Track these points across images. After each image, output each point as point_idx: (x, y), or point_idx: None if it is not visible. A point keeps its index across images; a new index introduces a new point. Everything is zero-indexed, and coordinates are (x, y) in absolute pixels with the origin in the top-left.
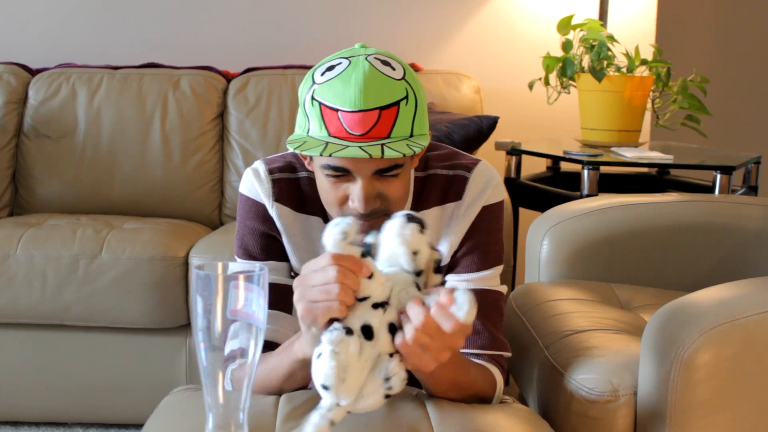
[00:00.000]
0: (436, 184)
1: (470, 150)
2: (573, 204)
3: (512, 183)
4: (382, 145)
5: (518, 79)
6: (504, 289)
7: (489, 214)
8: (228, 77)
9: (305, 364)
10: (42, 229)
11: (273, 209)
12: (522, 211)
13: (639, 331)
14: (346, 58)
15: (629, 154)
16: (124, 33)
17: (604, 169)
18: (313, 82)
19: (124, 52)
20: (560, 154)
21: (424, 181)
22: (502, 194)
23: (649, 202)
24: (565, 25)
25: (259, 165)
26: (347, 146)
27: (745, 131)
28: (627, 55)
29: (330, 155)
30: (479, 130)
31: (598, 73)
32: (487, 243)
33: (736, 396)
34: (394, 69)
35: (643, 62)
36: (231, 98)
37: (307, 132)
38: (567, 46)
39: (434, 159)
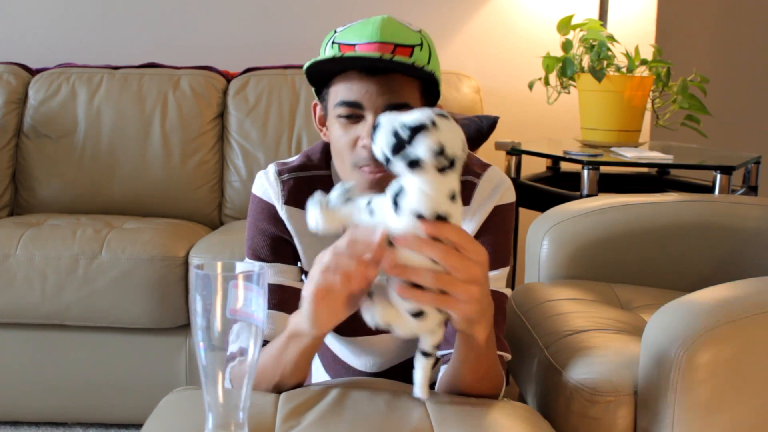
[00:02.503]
0: None
1: (470, 150)
2: (573, 204)
3: (512, 183)
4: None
5: (518, 79)
6: (508, 291)
7: (500, 214)
8: (228, 77)
9: (298, 338)
10: (42, 229)
11: (283, 211)
12: (522, 211)
13: (639, 331)
14: (366, 20)
15: (629, 154)
16: (124, 33)
17: (604, 169)
18: (334, 32)
19: (124, 52)
20: (560, 154)
21: None
22: (513, 196)
23: (649, 202)
24: (565, 25)
25: (271, 167)
26: (356, 50)
27: (745, 131)
28: (627, 55)
29: (342, 56)
30: (479, 130)
31: (598, 73)
32: (496, 243)
33: (736, 396)
34: (411, 24)
35: (643, 62)
36: (231, 98)
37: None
38: (567, 46)
39: None
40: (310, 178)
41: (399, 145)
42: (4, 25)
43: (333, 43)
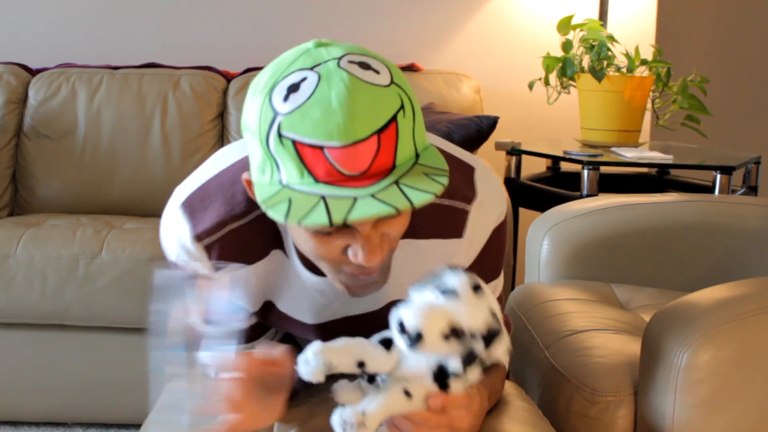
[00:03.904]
0: (429, 211)
1: (470, 150)
2: (573, 204)
3: (512, 183)
4: (397, 183)
5: (518, 79)
6: (499, 289)
7: (496, 236)
8: (228, 77)
9: None
10: (42, 229)
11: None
12: (522, 211)
13: (639, 331)
14: (311, 69)
15: (629, 154)
16: (124, 33)
17: (604, 169)
18: (275, 112)
19: (124, 52)
20: (560, 154)
21: None
22: (505, 206)
23: (649, 202)
24: (565, 25)
25: (182, 230)
26: (354, 198)
27: (745, 131)
28: (627, 55)
29: (344, 222)
30: (479, 130)
31: (598, 73)
32: (493, 259)
33: (736, 396)
34: (378, 72)
35: (643, 62)
36: (231, 98)
37: (280, 182)
38: (567, 46)
39: None
40: (234, 232)
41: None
42: (4, 25)
43: (282, 137)
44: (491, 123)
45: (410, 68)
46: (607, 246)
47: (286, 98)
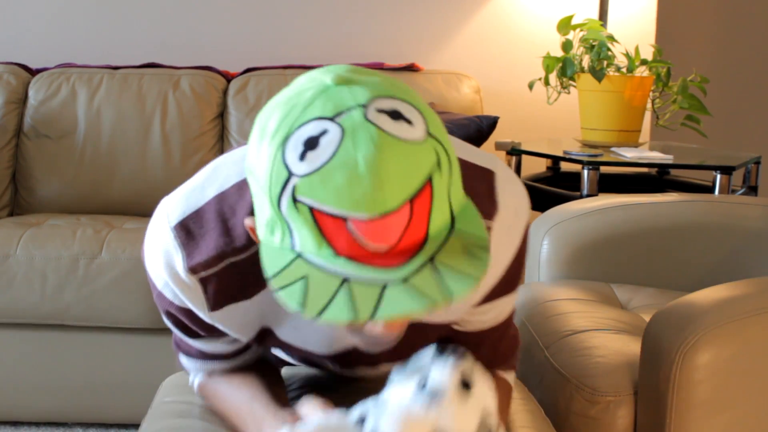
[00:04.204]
0: None
1: None
2: (573, 204)
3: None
4: (432, 261)
5: (518, 79)
6: (515, 299)
7: (519, 250)
8: (228, 77)
9: None
10: (42, 229)
11: (212, 319)
12: None
13: (639, 331)
14: (332, 120)
15: (629, 154)
16: (124, 33)
17: (604, 169)
18: (290, 172)
19: (124, 52)
20: (560, 154)
21: None
22: (529, 212)
23: (649, 202)
24: (565, 25)
25: (176, 258)
26: (383, 286)
27: (745, 131)
28: (627, 55)
29: (372, 317)
30: (479, 130)
31: (598, 73)
32: (512, 275)
33: (736, 396)
34: (411, 123)
35: (643, 62)
36: (231, 98)
37: (292, 247)
38: (567, 46)
39: None
40: (234, 265)
41: None
42: (4, 25)
43: (296, 201)
44: (491, 123)
45: (410, 68)
46: (607, 246)
47: (302, 156)
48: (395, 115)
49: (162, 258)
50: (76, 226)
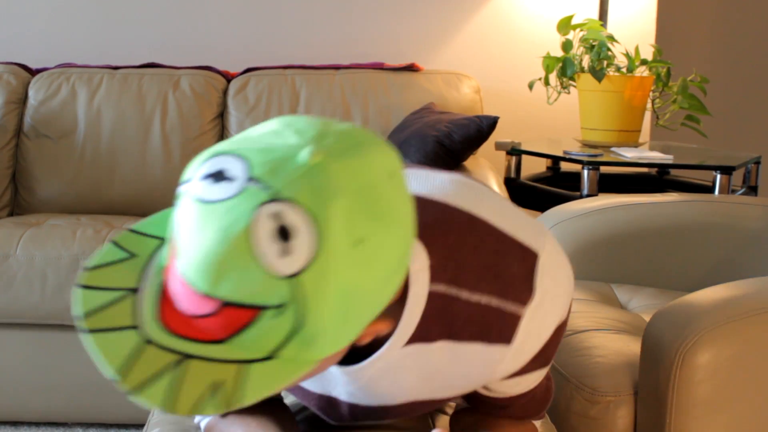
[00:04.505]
0: (467, 314)
1: (470, 151)
2: (573, 204)
3: (512, 183)
4: (182, 358)
5: (518, 79)
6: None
7: (554, 336)
8: (228, 77)
9: None
10: (42, 229)
11: None
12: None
13: (639, 331)
14: (247, 171)
15: (629, 154)
16: (124, 33)
17: (604, 169)
18: (193, 176)
19: (124, 52)
20: (560, 154)
21: (444, 304)
22: (570, 299)
23: (649, 202)
24: (565, 25)
25: None
26: (143, 341)
27: (745, 131)
28: (627, 55)
29: (83, 331)
30: (479, 130)
31: (598, 73)
32: (542, 357)
33: (736, 396)
34: (287, 254)
35: (643, 62)
36: (231, 98)
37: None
38: (567, 46)
39: (468, 269)
40: None
41: None
42: (4, 25)
43: (181, 197)
44: (491, 123)
45: (410, 68)
46: (607, 246)
47: (204, 177)
48: (283, 233)
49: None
50: (76, 226)
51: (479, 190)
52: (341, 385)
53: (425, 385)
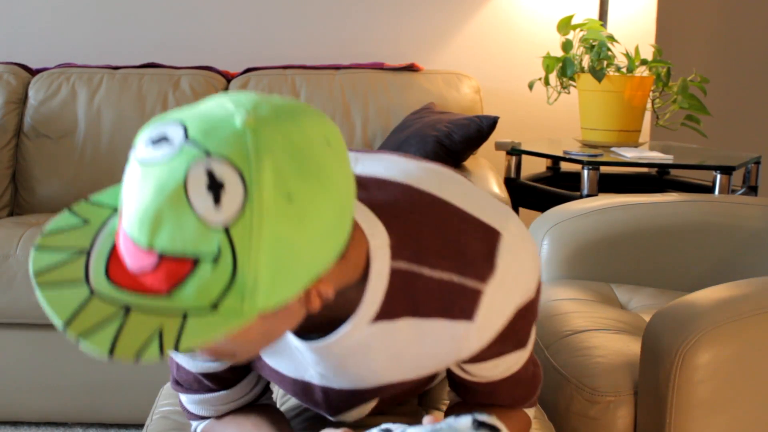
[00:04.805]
0: (428, 290)
1: (470, 151)
2: (573, 204)
3: (512, 183)
4: (127, 310)
5: (518, 79)
6: (530, 350)
7: (518, 316)
8: (228, 77)
9: None
10: (42, 230)
11: None
12: (522, 211)
13: (639, 331)
14: (183, 134)
15: (629, 154)
16: (124, 33)
17: (604, 169)
18: (138, 142)
19: (124, 52)
20: (560, 154)
21: (406, 281)
22: (535, 281)
23: (649, 202)
24: (565, 25)
25: None
26: (89, 293)
27: (745, 131)
28: (627, 55)
29: (35, 287)
30: (479, 130)
31: (598, 73)
32: (509, 337)
33: (736, 396)
34: (218, 204)
35: (643, 62)
36: None
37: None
38: (567, 46)
39: (430, 246)
40: None
41: None
42: (4, 25)
43: (130, 163)
44: (491, 123)
45: (410, 68)
46: (607, 246)
47: (147, 143)
48: (215, 187)
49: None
50: None
51: (446, 175)
52: (312, 366)
53: (394, 365)
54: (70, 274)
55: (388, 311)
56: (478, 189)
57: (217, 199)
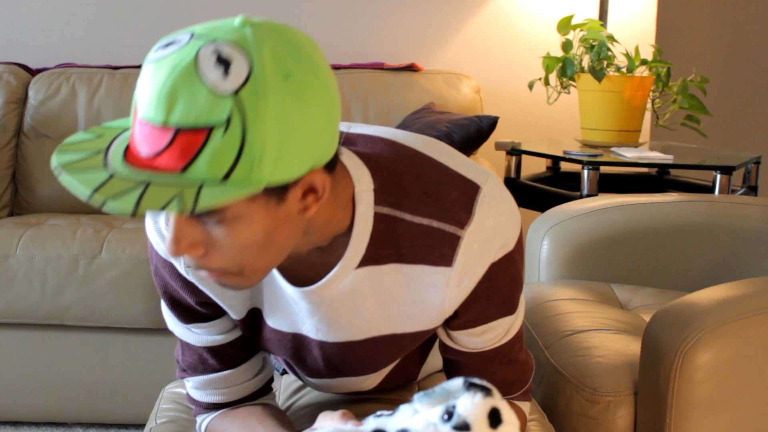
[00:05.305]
0: (410, 235)
1: (470, 151)
2: (573, 204)
3: (512, 183)
4: (147, 185)
5: (518, 79)
6: (518, 325)
7: (497, 271)
8: None
9: None
10: (42, 229)
11: (189, 276)
12: (522, 211)
13: (639, 331)
14: (191, 35)
15: (629, 154)
16: (124, 33)
17: (604, 169)
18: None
19: (124, 52)
20: (560, 154)
21: (389, 226)
22: (514, 235)
23: (649, 202)
24: (565, 25)
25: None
26: (110, 175)
27: (745, 131)
28: (627, 55)
29: (58, 175)
30: (479, 130)
31: (598, 73)
32: (491, 296)
33: (736, 396)
34: (227, 75)
35: (643, 62)
36: None
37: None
38: (567, 46)
39: (411, 194)
40: None
41: None
42: (4, 25)
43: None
44: (491, 123)
45: (410, 68)
46: (607, 246)
47: (157, 49)
48: (223, 61)
49: (151, 224)
50: (76, 226)
51: (432, 139)
52: (308, 319)
53: (383, 314)
54: (90, 165)
55: (373, 256)
56: (459, 153)
57: (225, 72)
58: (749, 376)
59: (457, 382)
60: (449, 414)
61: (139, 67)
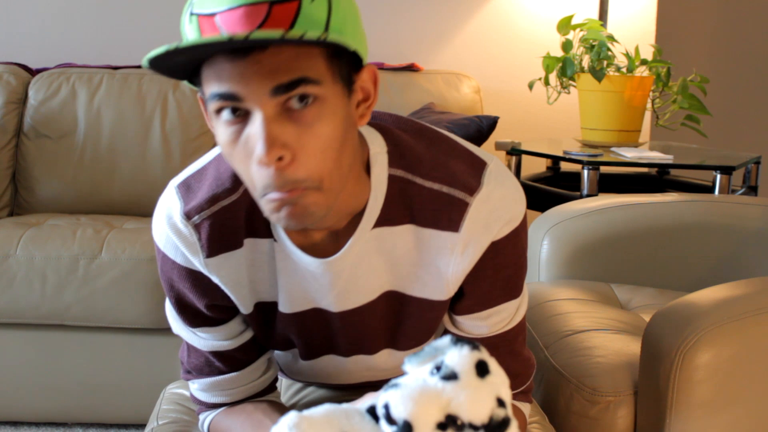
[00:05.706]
0: (421, 198)
1: None
2: (573, 204)
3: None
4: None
5: (518, 79)
6: (522, 313)
7: (501, 249)
8: None
9: None
10: (42, 229)
11: (208, 268)
12: None
13: (639, 331)
14: None
15: (629, 154)
16: (124, 33)
17: (604, 169)
18: (191, 2)
19: (124, 52)
20: (560, 154)
21: (402, 188)
22: (519, 213)
23: (649, 202)
24: (565, 25)
25: (174, 207)
26: (230, 38)
27: (745, 131)
28: (627, 55)
29: (174, 48)
30: (479, 130)
31: (598, 73)
32: (501, 279)
33: (736, 396)
34: None
35: (643, 62)
36: None
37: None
38: (567, 46)
39: (422, 160)
40: (226, 209)
41: None
42: (4, 25)
43: (191, 14)
44: (491, 123)
45: (410, 68)
46: (607, 246)
47: None
48: None
49: (164, 214)
50: (76, 226)
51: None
52: (328, 291)
53: (394, 271)
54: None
55: (388, 217)
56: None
57: None
58: (749, 376)
59: (445, 339)
60: (438, 368)
61: (138, 67)
